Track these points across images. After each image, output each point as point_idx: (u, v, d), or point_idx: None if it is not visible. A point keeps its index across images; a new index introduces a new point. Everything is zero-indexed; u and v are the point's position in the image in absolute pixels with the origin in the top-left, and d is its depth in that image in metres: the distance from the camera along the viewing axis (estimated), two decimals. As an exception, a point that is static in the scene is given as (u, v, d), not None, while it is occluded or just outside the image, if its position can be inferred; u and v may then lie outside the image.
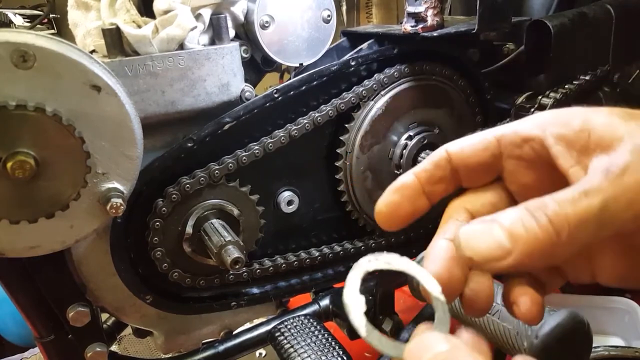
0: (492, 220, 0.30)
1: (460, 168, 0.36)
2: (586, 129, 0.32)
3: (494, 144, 0.35)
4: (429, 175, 0.36)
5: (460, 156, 0.35)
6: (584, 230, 0.28)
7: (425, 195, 0.36)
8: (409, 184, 0.37)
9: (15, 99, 0.53)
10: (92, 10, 0.72)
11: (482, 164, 0.35)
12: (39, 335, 0.74)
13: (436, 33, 0.79)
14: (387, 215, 0.37)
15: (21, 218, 0.58)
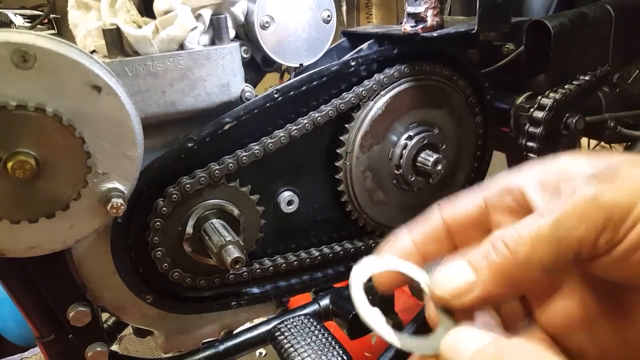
0: (460, 256, 0.31)
1: (454, 229, 0.35)
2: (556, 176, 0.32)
3: (480, 201, 0.34)
4: (427, 248, 0.35)
5: (454, 219, 0.35)
6: (539, 249, 0.29)
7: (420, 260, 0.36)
8: (410, 252, 0.36)
9: (16, 99, 0.53)
10: (93, 10, 0.73)
11: (473, 221, 0.35)
12: (39, 335, 0.74)
13: (436, 33, 0.79)
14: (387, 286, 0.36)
15: (22, 218, 0.58)
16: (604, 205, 0.28)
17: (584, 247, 0.28)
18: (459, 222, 0.35)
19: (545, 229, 0.28)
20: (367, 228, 0.88)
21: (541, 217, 0.29)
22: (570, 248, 0.28)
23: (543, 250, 0.28)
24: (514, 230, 0.29)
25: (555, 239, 0.28)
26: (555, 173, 0.32)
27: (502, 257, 0.29)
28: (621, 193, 0.28)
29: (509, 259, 0.29)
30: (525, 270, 0.29)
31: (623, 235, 0.28)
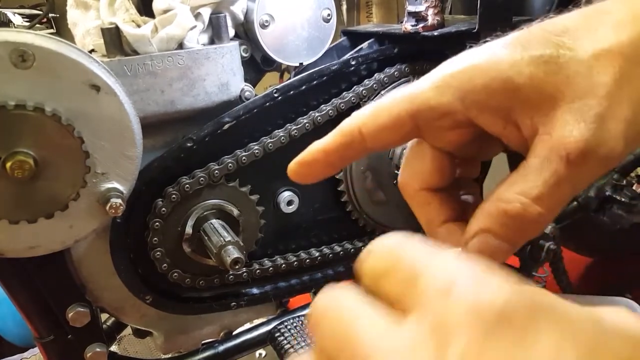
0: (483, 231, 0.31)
1: (375, 145, 0.35)
2: (509, 92, 0.31)
3: (408, 122, 0.34)
4: (340, 155, 0.36)
5: (375, 137, 0.35)
6: (561, 208, 0.31)
7: (334, 166, 0.37)
8: (319, 160, 0.37)
9: (15, 99, 0.53)
10: (92, 9, 0.72)
11: (399, 139, 0.35)
12: (38, 336, 0.74)
13: (437, 32, 0.79)
14: (295, 177, 0.38)
15: (20, 218, 0.58)
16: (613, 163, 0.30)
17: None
18: (380, 143, 0.35)
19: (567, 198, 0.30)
20: (367, 228, 0.88)
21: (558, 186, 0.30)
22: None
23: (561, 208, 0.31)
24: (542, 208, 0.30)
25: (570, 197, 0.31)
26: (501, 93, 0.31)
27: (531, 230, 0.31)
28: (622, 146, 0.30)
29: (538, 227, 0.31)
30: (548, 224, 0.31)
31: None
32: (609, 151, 0.30)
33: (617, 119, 0.30)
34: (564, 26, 0.32)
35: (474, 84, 0.32)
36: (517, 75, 0.31)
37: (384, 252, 0.23)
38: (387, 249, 0.23)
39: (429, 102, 0.33)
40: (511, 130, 0.32)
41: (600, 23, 0.31)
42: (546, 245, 1.02)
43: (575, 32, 0.32)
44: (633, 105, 0.30)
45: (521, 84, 0.31)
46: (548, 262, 1.08)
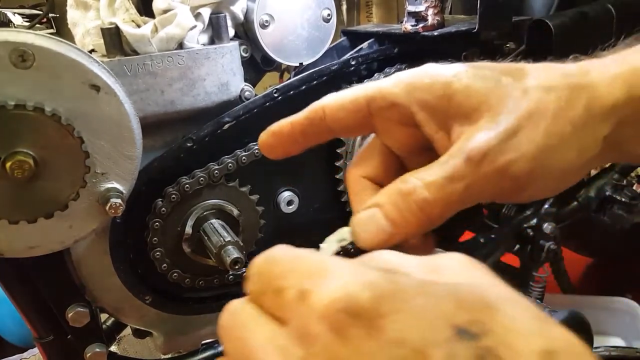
0: (374, 205, 0.34)
1: (334, 125, 0.38)
2: (446, 96, 0.34)
3: (364, 107, 0.37)
4: (303, 129, 0.39)
5: (335, 116, 0.38)
6: (451, 208, 0.33)
7: (299, 142, 0.40)
8: (285, 132, 0.41)
9: (14, 99, 0.53)
10: (91, 9, 0.72)
11: (355, 123, 0.38)
12: (38, 336, 0.74)
13: (437, 32, 0.79)
14: (264, 151, 0.43)
15: (20, 218, 0.58)
16: (512, 176, 0.32)
17: (489, 199, 0.34)
18: (340, 123, 0.38)
19: (457, 195, 0.32)
20: (367, 228, 0.88)
21: (451, 181, 0.32)
22: (475, 202, 0.33)
23: (455, 209, 0.33)
24: (427, 193, 0.32)
25: (463, 200, 0.32)
26: (440, 95, 0.34)
27: (417, 219, 0.32)
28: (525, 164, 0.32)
29: (422, 220, 0.32)
30: (437, 223, 0.33)
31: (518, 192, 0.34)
32: (508, 162, 0.32)
33: (527, 139, 0.32)
34: (523, 66, 0.36)
35: (421, 83, 0.35)
36: (456, 82, 0.34)
37: (257, 272, 0.27)
38: (259, 269, 0.27)
39: (382, 90, 0.36)
40: (442, 136, 0.35)
41: (554, 68, 0.35)
42: (546, 246, 1.02)
43: (529, 69, 0.35)
44: (546, 136, 0.32)
45: (458, 90, 0.34)
46: (548, 263, 1.08)
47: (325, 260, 0.25)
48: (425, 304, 0.22)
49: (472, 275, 0.26)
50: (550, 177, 0.33)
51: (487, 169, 0.32)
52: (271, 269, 0.26)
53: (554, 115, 0.33)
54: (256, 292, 0.26)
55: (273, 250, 0.27)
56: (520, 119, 0.32)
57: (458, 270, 0.26)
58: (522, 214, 1.04)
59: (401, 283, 0.23)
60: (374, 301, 0.22)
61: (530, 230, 1.04)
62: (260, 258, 0.27)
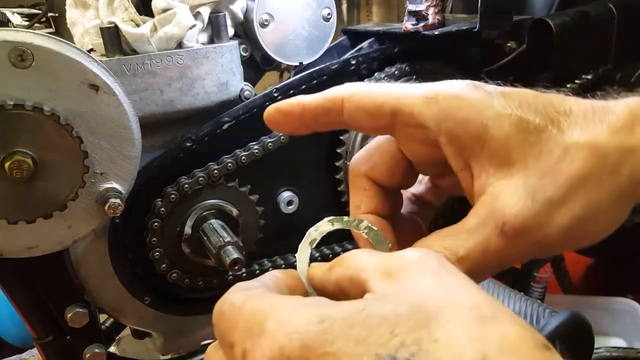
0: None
1: (350, 122, 0.37)
2: (481, 139, 0.32)
3: (388, 116, 0.35)
4: (316, 116, 0.37)
5: (353, 115, 0.36)
6: (484, 276, 0.32)
7: (307, 126, 0.38)
8: (295, 113, 0.38)
9: (13, 99, 0.53)
10: (91, 8, 0.72)
11: (373, 127, 0.36)
12: (37, 336, 0.74)
13: (437, 31, 0.78)
14: (269, 124, 0.39)
15: (19, 218, 0.57)
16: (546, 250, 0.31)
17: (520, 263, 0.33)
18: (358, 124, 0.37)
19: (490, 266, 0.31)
20: (367, 228, 0.88)
21: (486, 255, 0.30)
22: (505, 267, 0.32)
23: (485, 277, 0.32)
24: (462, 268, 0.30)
25: (498, 268, 0.31)
26: (474, 136, 0.32)
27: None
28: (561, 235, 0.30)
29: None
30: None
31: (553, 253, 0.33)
32: (543, 237, 0.30)
33: (565, 211, 0.30)
34: (570, 108, 0.32)
35: (455, 114, 0.32)
36: (496, 128, 0.31)
37: (214, 322, 0.30)
38: (215, 320, 0.30)
39: (412, 108, 0.34)
40: (465, 175, 0.33)
41: (601, 120, 0.31)
42: (547, 246, 1.02)
43: (575, 117, 0.32)
44: (585, 207, 0.30)
45: (495, 137, 0.31)
46: (549, 263, 1.08)
47: (262, 310, 0.26)
48: (355, 339, 0.23)
49: (420, 278, 0.26)
50: (581, 244, 0.32)
51: (521, 242, 0.30)
52: (222, 324, 0.29)
53: (596, 184, 0.30)
54: (219, 342, 0.29)
55: (224, 299, 0.30)
56: (559, 187, 0.30)
57: (411, 272, 0.27)
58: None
59: (331, 321, 0.24)
60: (303, 351, 0.23)
61: (531, 231, 1.04)
62: (216, 309, 0.30)
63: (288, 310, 0.25)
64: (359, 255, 0.30)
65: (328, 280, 0.31)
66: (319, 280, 0.33)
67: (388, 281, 0.27)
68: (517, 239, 0.30)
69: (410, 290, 0.25)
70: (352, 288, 0.29)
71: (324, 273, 0.32)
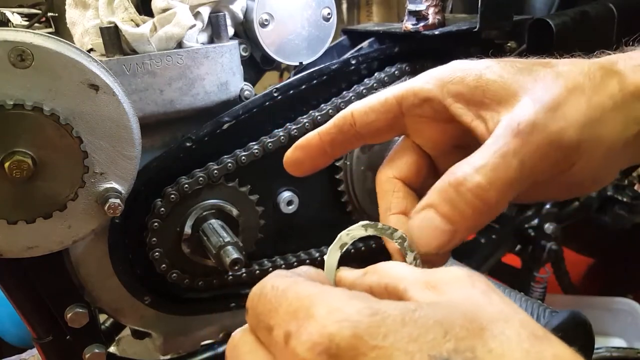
0: (428, 206, 0.33)
1: (364, 130, 0.38)
2: (480, 86, 0.34)
3: (395, 106, 0.37)
4: (332, 138, 0.39)
5: (364, 120, 0.38)
6: (508, 191, 0.31)
7: (328, 154, 0.39)
8: (313, 144, 0.39)
9: (13, 98, 0.53)
10: (90, 8, 0.72)
11: (386, 125, 0.38)
12: (37, 336, 0.73)
13: (437, 31, 0.78)
14: (291, 168, 0.41)
15: (19, 218, 0.57)
16: (563, 146, 0.31)
17: (542, 177, 0.32)
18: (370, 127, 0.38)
19: (513, 172, 0.31)
20: (367, 228, 0.87)
21: (504, 158, 0.31)
22: (531, 181, 0.32)
23: (511, 191, 0.31)
24: (481, 178, 0.31)
25: (520, 179, 0.31)
26: (474, 86, 0.35)
27: (475, 207, 0.31)
28: (575, 132, 0.31)
29: (481, 208, 0.31)
30: (498, 210, 0.32)
31: (570, 166, 0.32)
32: (558, 130, 0.31)
33: (571, 108, 0.32)
34: (549, 60, 0.36)
35: (453, 77, 0.35)
36: (489, 73, 0.34)
37: (251, 306, 0.28)
38: (252, 304, 0.28)
39: (413, 87, 0.36)
40: (478, 124, 0.35)
41: (582, 61, 0.36)
42: (548, 246, 1.02)
43: (560, 61, 0.36)
44: (589, 107, 0.32)
45: (491, 80, 0.34)
46: (550, 263, 1.08)
47: (309, 296, 0.25)
48: (408, 336, 0.22)
49: (469, 293, 0.26)
50: (598, 150, 0.33)
51: (538, 138, 0.31)
52: (261, 306, 0.27)
53: (593, 90, 0.33)
54: (253, 326, 0.28)
55: (265, 282, 0.28)
56: (562, 93, 0.32)
57: (457, 286, 0.26)
58: (524, 214, 1.04)
59: (384, 315, 0.23)
60: (353, 340, 0.22)
61: (531, 231, 1.04)
62: (254, 292, 0.28)
63: (337, 298, 0.25)
64: (397, 265, 0.30)
65: (361, 285, 0.31)
66: (349, 284, 0.33)
67: (431, 292, 0.26)
68: (533, 135, 0.31)
69: (461, 300, 0.25)
70: (386, 296, 0.29)
71: (356, 278, 0.32)
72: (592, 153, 0.33)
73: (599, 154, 0.33)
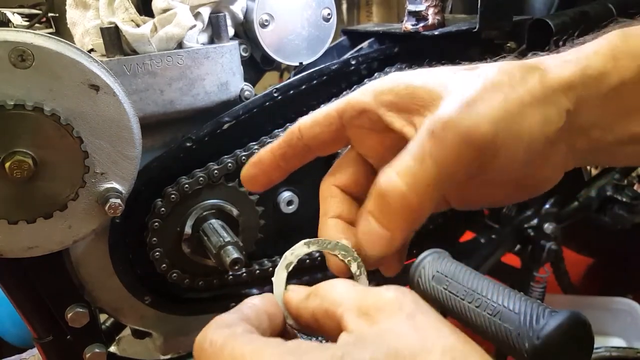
0: (367, 213, 0.34)
1: (311, 143, 0.40)
2: (408, 93, 0.37)
3: (336, 119, 0.39)
4: (283, 152, 0.41)
5: (310, 134, 0.40)
6: (428, 192, 0.32)
7: (282, 168, 0.42)
8: (265, 160, 0.42)
9: (14, 99, 0.53)
10: (91, 9, 0.72)
11: (330, 137, 0.40)
12: (37, 336, 0.74)
13: (437, 32, 0.78)
14: (248, 184, 0.43)
15: (19, 218, 0.57)
16: (476, 142, 0.32)
17: (460, 177, 0.33)
18: (316, 139, 0.40)
19: (430, 174, 0.32)
20: (367, 228, 0.87)
21: (422, 161, 0.32)
22: (451, 182, 0.33)
23: (433, 192, 0.33)
24: (402, 183, 0.32)
25: (440, 180, 0.32)
26: (403, 94, 0.37)
27: (401, 211, 0.33)
28: (488, 128, 0.32)
29: (406, 213, 0.33)
30: (423, 214, 0.33)
31: (490, 162, 0.33)
32: (470, 126, 0.32)
33: (484, 105, 0.33)
34: (478, 64, 0.38)
35: (385, 87, 0.38)
36: (417, 80, 0.37)
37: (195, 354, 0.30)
38: (197, 355, 0.30)
39: (350, 100, 0.39)
40: (409, 130, 0.37)
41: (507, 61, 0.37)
42: (547, 246, 1.02)
43: (482, 65, 0.37)
44: (505, 101, 0.33)
45: (418, 86, 0.36)
46: (549, 263, 1.08)
47: (243, 356, 0.27)
48: None
49: (396, 320, 0.28)
50: (516, 145, 0.34)
51: (450, 136, 0.32)
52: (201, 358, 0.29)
53: (511, 87, 0.34)
54: None
55: (205, 337, 0.30)
56: (478, 91, 0.34)
57: (386, 313, 0.29)
58: (523, 214, 1.04)
59: None
60: None
61: (531, 231, 1.04)
62: (196, 344, 0.30)
63: (267, 358, 0.27)
64: (336, 287, 0.32)
65: (305, 309, 0.33)
66: (294, 307, 0.35)
67: (363, 321, 0.29)
68: (445, 134, 0.32)
69: (386, 333, 0.27)
70: (327, 320, 0.31)
71: (300, 301, 0.34)
72: (511, 148, 0.33)
73: (519, 148, 0.33)
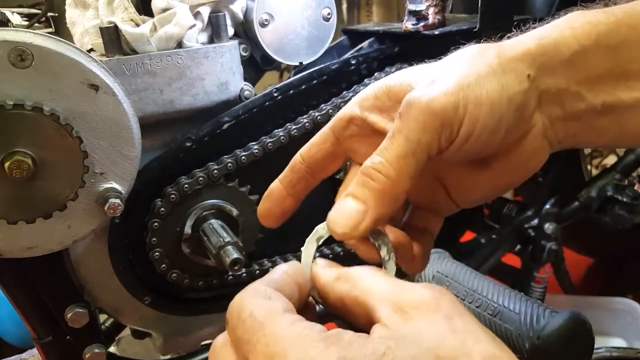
0: (347, 195, 0.36)
1: (313, 165, 0.43)
2: (385, 94, 0.40)
3: (330, 135, 0.42)
4: (289, 180, 0.44)
5: (309, 156, 0.43)
6: (405, 166, 0.34)
7: (290, 196, 0.44)
8: (275, 191, 0.44)
9: (13, 98, 0.53)
10: (90, 8, 0.72)
11: (328, 154, 0.43)
12: (37, 336, 0.73)
13: (437, 31, 0.78)
14: (264, 219, 0.46)
15: (19, 218, 0.57)
16: (437, 112, 0.34)
17: (432, 149, 0.35)
18: (316, 159, 0.43)
19: (401, 147, 0.34)
20: (367, 228, 0.87)
21: (393, 137, 0.35)
22: (423, 153, 0.35)
23: (407, 164, 0.34)
24: (379, 157, 0.35)
25: (411, 152, 0.34)
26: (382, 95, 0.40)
27: (379, 182, 0.34)
28: (447, 98, 0.34)
29: (384, 182, 0.34)
30: (400, 186, 0.35)
31: (456, 132, 0.35)
32: (430, 99, 0.34)
33: (447, 78, 0.35)
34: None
35: (367, 94, 0.41)
36: (393, 80, 0.40)
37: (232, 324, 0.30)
38: (230, 319, 0.30)
39: (339, 114, 0.42)
40: (392, 125, 0.37)
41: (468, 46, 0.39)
42: (547, 246, 1.02)
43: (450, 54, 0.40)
44: (464, 76, 0.35)
45: (394, 84, 0.39)
46: (549, 263, 1.08)
47: (285, 341, 0.27)
48: None
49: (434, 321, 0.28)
50: (477, 110, 0.35)
51: (414, 113, 0.34)
52: (240, 331, 0.29)
53: (467, 62, 0.36)
54: (232, 341, 0.30)
55: (244, 306, 0.30)
56: (438, 71, 0.37)
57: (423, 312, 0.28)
58: (524, 214, 1.04)
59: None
60: None
61: (531, 231, 1.04)
62: (232, 310, 0.30)
63: (312, 347, 0.26)
64: (368, 275, 0.32)
65: (333, 292, 0.34)
66: (322, 285, 0.35)
67: (399, 316, 0.28)
68: (410, 110, 0.34)
69: (425, 333, 0.27)
70: (356, 308, 0.31)
71: (328, 282, 0.34)
72: (473, 114, 0.35)
73: (481, 113, 0.35)
